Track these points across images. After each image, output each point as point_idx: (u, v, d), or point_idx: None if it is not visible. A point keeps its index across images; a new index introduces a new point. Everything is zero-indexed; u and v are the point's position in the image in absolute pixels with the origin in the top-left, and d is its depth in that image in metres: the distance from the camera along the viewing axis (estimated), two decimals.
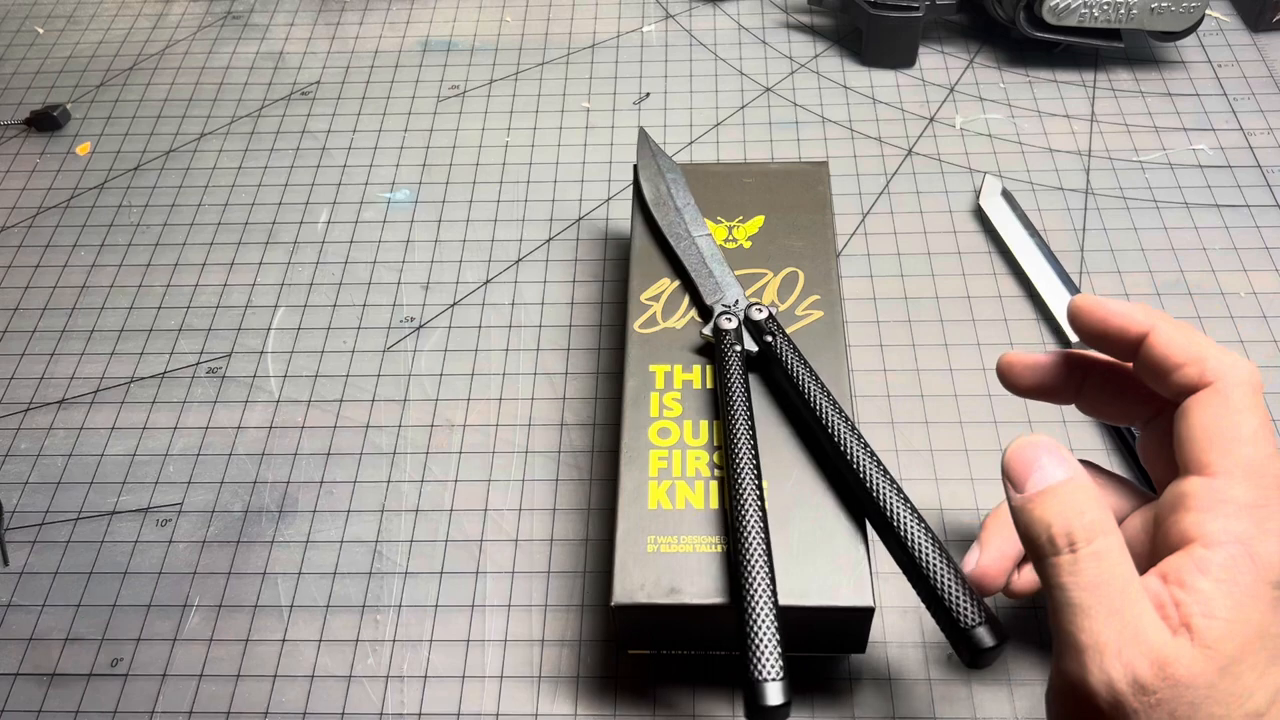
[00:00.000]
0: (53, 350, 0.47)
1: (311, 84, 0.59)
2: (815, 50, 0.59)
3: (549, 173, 0.54)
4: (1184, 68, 0.57)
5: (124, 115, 0.58)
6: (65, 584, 0.40)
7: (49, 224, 0.53)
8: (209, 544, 0.41)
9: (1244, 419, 0.27)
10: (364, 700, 0.36)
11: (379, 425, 0.44)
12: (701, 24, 0.61)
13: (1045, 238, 0.48)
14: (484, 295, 0.48)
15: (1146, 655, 0.24)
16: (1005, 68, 0.58)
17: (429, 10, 0.63)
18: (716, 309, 0.38)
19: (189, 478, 0.43)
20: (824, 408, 0.34)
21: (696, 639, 0.35)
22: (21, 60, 0.62)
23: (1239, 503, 0.25)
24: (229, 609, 0.39)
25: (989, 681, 0.36)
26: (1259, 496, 0.25)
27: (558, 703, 0.36)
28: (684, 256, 0.40)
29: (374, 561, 0.40)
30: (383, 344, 0.47)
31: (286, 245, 0.51)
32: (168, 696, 0.37)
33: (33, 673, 0.37)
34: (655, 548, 0.33)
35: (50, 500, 0.42)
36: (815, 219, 0.42)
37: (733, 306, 0.38)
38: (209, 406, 0.45)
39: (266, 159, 0.55)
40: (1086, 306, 0.30)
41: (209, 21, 0.64)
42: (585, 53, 0.60)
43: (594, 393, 0.44)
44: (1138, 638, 0.24)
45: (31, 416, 0.45)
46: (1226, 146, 0.53)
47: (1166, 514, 0.27)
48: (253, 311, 0.48)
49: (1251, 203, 0.50)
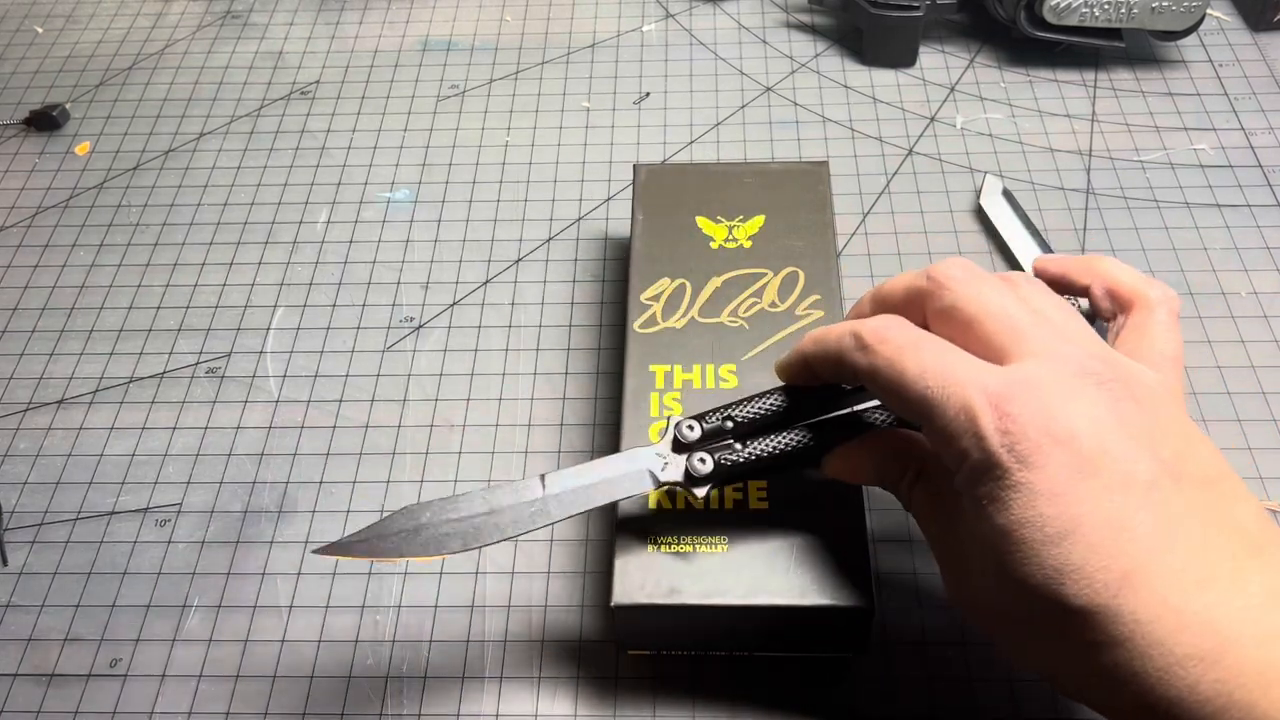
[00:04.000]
0: (51, 350, 0.47)
1: (311, 83, 0.59)
2: (816, 50, 0.59)
3: (549, 173, 0.53)
4: (1185, 67, 0.57)
5: (123, 115, 0.58)
6: (64, 584, 0.40)
7: (48, 224, 0.53)
8: (208, 544, 0.40)
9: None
10: (363, 701, 0.36)
11: (378, 425, 0.44)
12: (702, 23, 0.61)
13: (1046, 238, 0.48)
14: (484, 295, 0.48)
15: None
16: (1006, 67, 0.58)
17: (429, 10, 0.63)
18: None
19: (188, 478, 0.42)
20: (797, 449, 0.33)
21: (696, 639, 0.35)
22: (20, 60, 0.62)
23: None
24: (228, 609, 0.39)
25: (990, 681, 0.36)
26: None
27: (558, 703, 0.36)
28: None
29: (373, 562, 0.40)
30: (382, 344, 0.47)
31: (286, 245, 0.51)
32: (167, 697, 0.37)
33: (31, 673, 0.37)
34: (655, 548, 0.33)
35: (49, 500, 0.42)
36: (816, 219, 0.42)
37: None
38: (208, 406, 0.45)
39: (266, 159, 0.55)
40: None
41: (208, 21, 0.64)
42: (585, 52, 0.60)
43: (594, 393, 0.44)
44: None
45: (30, 416, 0.45)
46: (1228, 146, 0.53)
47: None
48: (252, 311, 0.48)
49: (1253, 202, 0.50)
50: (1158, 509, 0.24)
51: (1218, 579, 0.24)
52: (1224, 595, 0.24)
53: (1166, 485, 0.25)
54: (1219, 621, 0.23)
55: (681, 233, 0.42)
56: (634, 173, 0.44)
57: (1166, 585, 0.24)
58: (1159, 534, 0.24)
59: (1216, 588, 0.24)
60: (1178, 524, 0.24)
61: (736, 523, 0.34)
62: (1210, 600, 0.24)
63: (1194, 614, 0.23)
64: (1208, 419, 0.42)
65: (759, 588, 0.32)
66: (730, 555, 0.33)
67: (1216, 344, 0.45)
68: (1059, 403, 0.25)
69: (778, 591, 0.32)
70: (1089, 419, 0.25)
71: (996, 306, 0.28)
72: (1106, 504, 0.24)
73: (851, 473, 0.32)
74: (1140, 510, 0.24)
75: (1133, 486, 0.24)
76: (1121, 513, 0.24)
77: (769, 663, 0.36)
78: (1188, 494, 0.25)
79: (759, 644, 0.36)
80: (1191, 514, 0.25)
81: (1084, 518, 0.24)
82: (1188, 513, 0.25)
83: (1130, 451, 0.25)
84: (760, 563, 0.33)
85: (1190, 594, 0.24)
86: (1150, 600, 0.24)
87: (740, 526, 0.34)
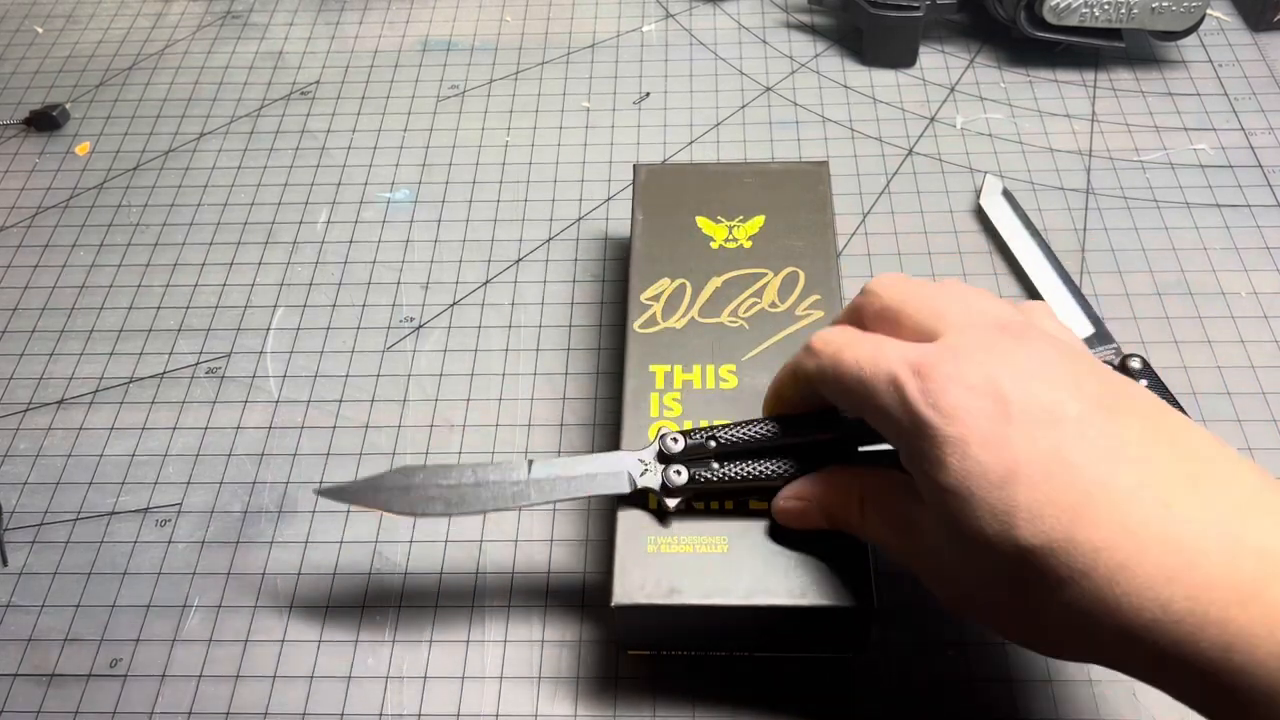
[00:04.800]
0: (51, 350, 0.47)
1: (311, 84, 0.59)
2: (816, 50, 0.59)
3: (549, 172, 0.53)
4: (1185, 67, 0.57)
5: (123, 115, 0.58)
6: (64, 584, 0.40)
7: (48, 224, 0.53)
8: (208, 544, 0.40)
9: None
10: (363, 701, 0.36)
11: (378, 425, 0.44)
12: (701, 23, 0.61)
13: (1046, 238, 0.48)
14: (484, 295, 0.48)
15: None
16: (1006, 67, 0.58)
17: (429, 10, 0.63)
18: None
19: (188, 478, 0.42)
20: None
21: (697, 639, 0.35)
22: (20, 60, 0.62)
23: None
24: (228, 609, 0.39)
25: (990, 681, 0.35)
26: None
27: (558, 703, 0.36)
28: None
29: (373, 562, 0.40)
30: (382, 344, 0.47)
31: (286, 245, 0.51)
32: (167, 697, 0.37)
33: (32, 673, 0.37)
34: (655, 548, 0.33)
35: (49, 501, 0.42)
36: (816, 219, 0.42)
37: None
38: (208, 407, 0.45)
39: (266, 159, 0.55)
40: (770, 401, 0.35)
41: (208, 21, 0.64)
42: (585, 52, 0.60)
43: (594, 393, 0.44)
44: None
45: (30, 417, 0.45)
46: (1227, 146, 0.53)
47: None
48: (252, 311, 0.48)
49: (1252, 203, 0.50)
50: (1093, 440, 0.25)
51: (1174, 498, 0.24)
52: (1184, 512, 0.24)
53: (1099, 418, 0.25)
54: (1182, 538, 0.23)
55: (681, 233, 0.42)
56: (634, 173, 0.44)
57: (1119, 510, 0.24)
58: (1100, 463, 0.24)
59: (1175, 507, 0.24)
60: (1119, 452, 0.24)
61: (736, 523, 0.34)
62: (1170, 518, 0.23)
63: (1154, 534, 0.23)
64: (1208, 419, 0.42)
65: (759, 588, 0.32)
66: (730, 555, 0.33)
67: (1216, 344, 0.45)
68: (978, 358, 0.26)
69: (777, 592, 0.32)
70: (1009, 367, 0.26)
71: (918, 298, 0.29)
72: (1040, 442, 0.25)
73: (800, 515, 0.32)
74: (1075, 443, 0.24)
75: (1063, 422, 0.25)
76: (1057, 448, 0.24)
77: (769, 663, 0.36)
78: (1124, 423, 0.25)
79: (759, 644, 0.36)
80: (1132, 442, 0.25)
81: (1020, 459, 0.24)
82: (1128, 441, 0.25)
83: (1054, 392, 0.25)
84: (760, 563, 0.33)
85: (1148, 515, 0.24)
86: (1105, 527, 0.24)
87: (740, 526, 0.34)
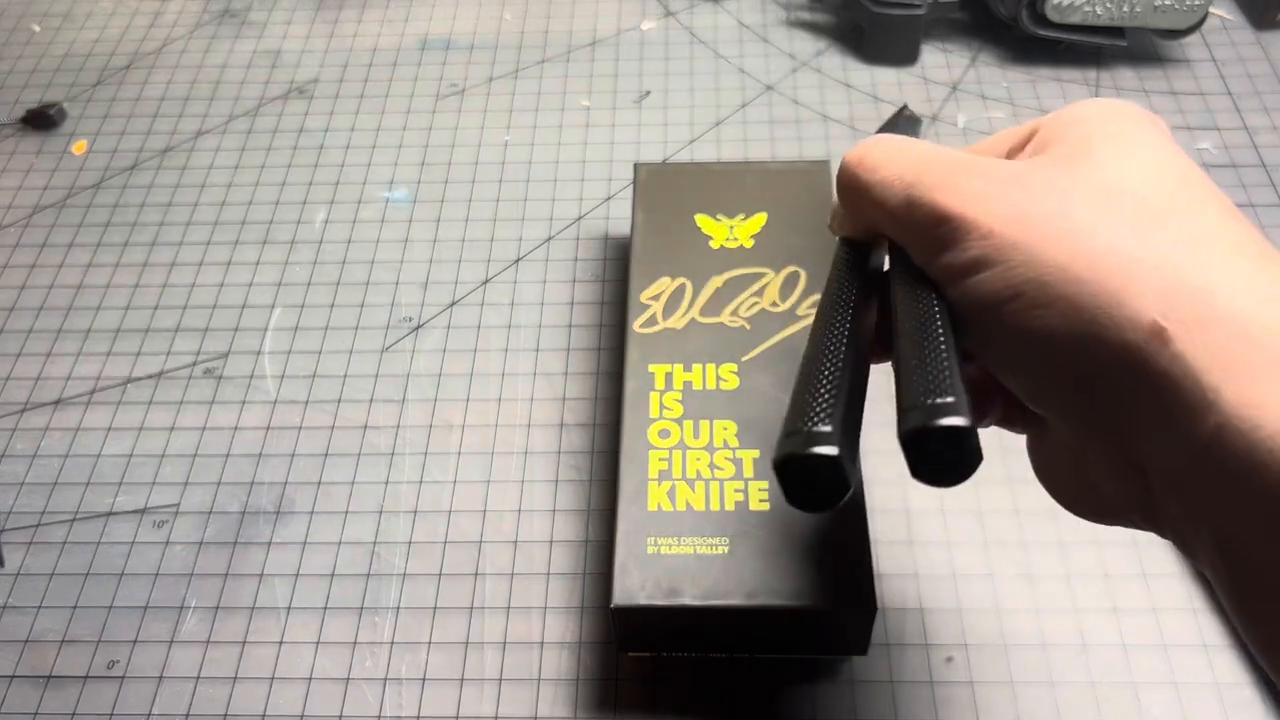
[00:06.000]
0: (48, 350, 0.47)
1: (309, 82, 0.59)
2: (817, 48, 0.59)
3: (549, 172, 0.53)
4: (1188, 66, 0.57)
5: (120, 114, 0.58)
6: (61, 585, 0.39)
7: (45, 223, 0.53)
8: (206, 545, 0.40)
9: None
10: (362, 703, 0.36)
11: (377, 426, 0.43)
12: (702, 22, 0.61)
13: None
14: (483, 295, 0.48)
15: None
16: (1008, 66, 0.57)
17: (427, 8, 0.63)
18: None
19: (186, 479, 0.42)
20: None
21: (697, 641, 0.35)
22: (17, 58, 0.62)
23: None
24: (226, 611, 0.38)
25: (991, 682, 0.35)
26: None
27: (557, 705, 0.36)
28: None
29: (372, 563, 0.39)
30: (381, 344, 0.46)
31: (284, 245, 0.51)
32: (164, 699, 0.36)
33: (29, 675, 0.37)
34: (655, 549, 0.33)
35: (46, 501, 0.42)
36: (817, 218, 0.42)
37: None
38: (206, 407, 0.45)
39: (264, 158, 0.55)
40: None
41: (206, 19, 0.63)
42: (585, 51, 0.60)
43: (594, 393, 0.44)
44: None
45: (27, 417, 0.45)
46: (1231, 145, 0.52)
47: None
48: (250, 311, 0.48)
49: (1256, 201, 0.50)
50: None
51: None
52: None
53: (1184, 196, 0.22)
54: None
55: (682, 232, 0.42)
56: (634, 172, 0.44)
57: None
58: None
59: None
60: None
61: (736, 523, 0.34)
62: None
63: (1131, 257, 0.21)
64: None
65: (759, 589, 0.32)
66: (730, 557, 0.33)
67: None
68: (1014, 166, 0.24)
69: (778, 593, 0.32)
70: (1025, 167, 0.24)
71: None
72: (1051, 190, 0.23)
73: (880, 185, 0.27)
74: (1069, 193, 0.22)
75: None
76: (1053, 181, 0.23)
77: (769, 664, 0.36)
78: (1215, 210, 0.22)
79: (759, 646, 0.35)
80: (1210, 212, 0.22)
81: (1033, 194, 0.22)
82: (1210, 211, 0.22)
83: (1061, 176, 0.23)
84: (760, 564, 0.33)
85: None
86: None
87: (740, 527, 0.33)
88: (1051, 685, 0.35)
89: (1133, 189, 0.23)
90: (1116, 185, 0.23)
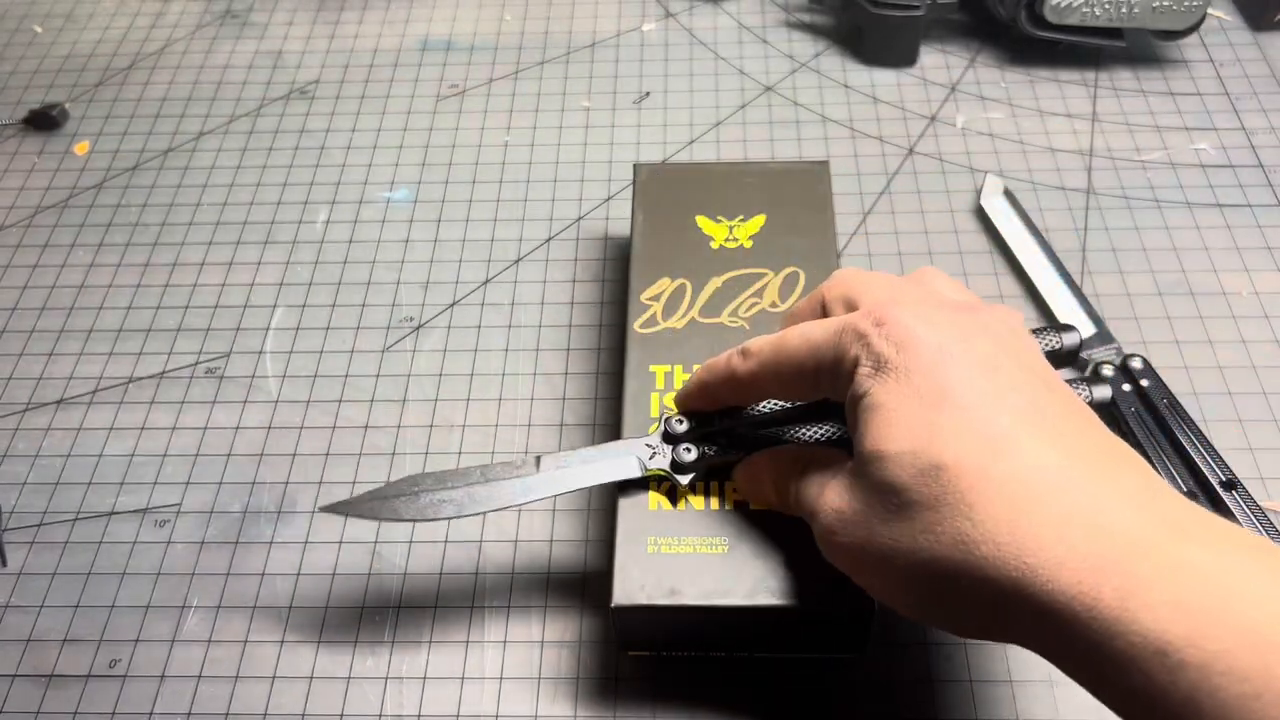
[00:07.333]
0: (50, 350, 0.47)
1: (310, 83, 0.59)
2: (816, 49, 0.59)
3: (549, 172, 0.53)
4: (1186, 67, 0.57)
5: (122, 114, 0.58)
6: (63, 585, 0.40)
7: (47, 223, 0.53)
8: (207, 545, 0.40)
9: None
10: (363, 702, 0.36)
11: (378, 426, 0.44)
12: (702, 23, 0.61)
13: (1047, 237, 0.48)
14: (483, 295, 0.48)
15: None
16: (1007, 67, 0.57)
17: (428, 9, 0.63)
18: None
19: (187, 478, 0.42)
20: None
21: (697, 640, 0.35)
22: (20, 59, 0.62)
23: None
24: (228, 610, 0.39)
25: (990, 682, 0.35)
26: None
27: (557, 704, 0.36)
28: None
29: (373, 562, 0.39)
30: (382, 344, 0.47)
31: (285, 245, 0.51)
32: (166, 698, 0.36)
33: (31, 674, 0.37)
34: (655, 549, 0.33)
35: (48, 501, 0.42)
36: (816, 218, 0.42)
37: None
38: (207, 407, 0.45)
39: (265, 158, 0.55)
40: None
41: (207, 20, 0.64)
42: (585, 52, 0.60)
43: (594, 393, 0.44)
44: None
45: (29, 417, 0.45)
46: (1228, 146, 0.53)
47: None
48: (251, 311, 0.48)
49: (1253, 202, 0.50)
50: (1027, 393, 0.26)
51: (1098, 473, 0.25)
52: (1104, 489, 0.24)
53: (1037, 383, 0.26)
54: (1106, 514, 0.24)
55: (682, 233, 0.42)
56: (634, 172, 0.44)
57: (1039, 452, 0.25)
58: (1030, 411, 0.25)
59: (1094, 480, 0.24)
60: (1045, 409, 0.26)
61: (736, 523, 0.34)
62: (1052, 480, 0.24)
63: (1020, 484, 0.24)
64: (1209, 419, 0.42)
65: (759, 589, 0.32)
66: (730, 556, 0.33)
67: (1217, 344, 0.44)
68: (927, 312, 0.28)
69: (778, 592, 0.32)
70: (952, 325, 0.27)
71: (877, 281, 0.31)
72: (979, 380, 0.26)
73: (752, 481, 0.33)
74: (1011, 390, 0.26)
75: (1000, 370, 0.26)
76: (993, 387, 0.26)
77: (769, 664, 0.36)
78: (1059, 394, 0.27)
79: (759, 645, 0.36)
80: (1063, 412, 0.26)
81: (956, 386, 0.26)
82: (1059, 409, 0.26)
83: (995, 353, 0.27)
84: (760, 563, 0.33)
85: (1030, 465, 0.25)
86: (1021, 463, 0.25)
87: (740, 527, 0.34)
88: (1051, 684, 0.35)
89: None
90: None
